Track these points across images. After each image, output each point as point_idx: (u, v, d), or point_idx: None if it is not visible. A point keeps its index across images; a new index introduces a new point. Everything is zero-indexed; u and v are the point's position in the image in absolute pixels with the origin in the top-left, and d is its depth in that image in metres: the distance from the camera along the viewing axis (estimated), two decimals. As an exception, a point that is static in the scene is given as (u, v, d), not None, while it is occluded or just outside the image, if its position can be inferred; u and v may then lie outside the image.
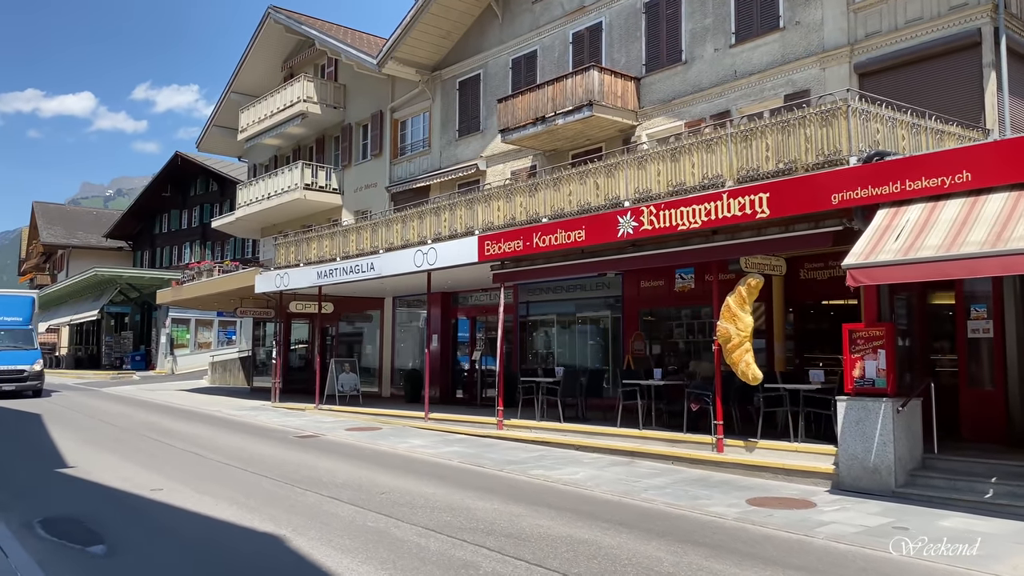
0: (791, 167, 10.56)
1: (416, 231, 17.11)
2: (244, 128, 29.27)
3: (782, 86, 14.95)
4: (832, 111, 10.22)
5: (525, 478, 10.76)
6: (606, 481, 10.39)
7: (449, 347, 21.77)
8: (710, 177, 11.55)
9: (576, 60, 18.77)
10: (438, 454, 12.92)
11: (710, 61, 16.23)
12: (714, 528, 7.87)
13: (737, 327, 10.99)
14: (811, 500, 9.15)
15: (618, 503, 9.12)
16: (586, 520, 8.11)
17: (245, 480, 10.49)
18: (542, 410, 14.93)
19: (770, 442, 11.14)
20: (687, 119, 16.40)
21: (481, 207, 15.49)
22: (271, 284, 21.33)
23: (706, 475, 10.83)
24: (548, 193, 14.04)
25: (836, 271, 13.89)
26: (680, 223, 11.42)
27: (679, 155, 12.01)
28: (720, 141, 11.47)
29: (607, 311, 18.00)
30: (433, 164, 23.09)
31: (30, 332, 24.68)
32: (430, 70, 23.04)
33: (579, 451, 12.96)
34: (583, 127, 17.44)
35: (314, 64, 28.73)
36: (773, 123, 10.91)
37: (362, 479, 10.51)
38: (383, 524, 7.86)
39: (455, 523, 7.91)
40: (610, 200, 12.94)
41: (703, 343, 16.19)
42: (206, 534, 7.65)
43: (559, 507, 8.78)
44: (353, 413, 19.32)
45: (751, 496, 9.36)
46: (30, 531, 7.62)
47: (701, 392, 12.24)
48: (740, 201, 10.69)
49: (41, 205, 61.41)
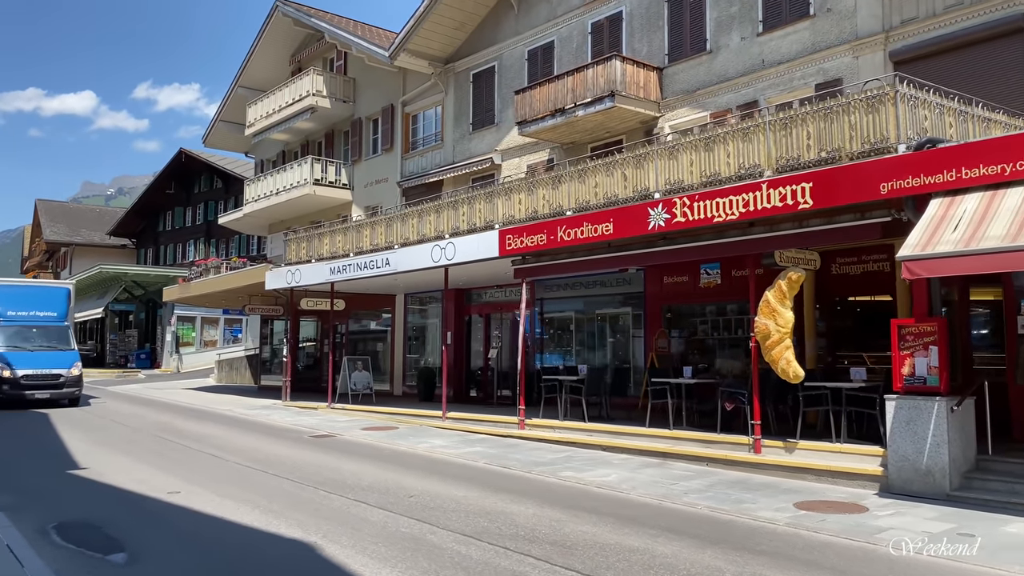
0: (834, 156, 10.11)
1: (433, 226, 16.66)
2: (251, 123, 28.82)
3: (812, 75, 14.50)
4: (879, 97, 9.77)
5: (556, 480, 10.33)
6: (641, 484, 9.96)
7: (463, 345, 21.32)
8: (747, 167, 11.10)
9: (595, 51, 18.31)
10: (461, 455, 12.49)
11: (736, 50, 15.77)
12: (767, 534, 7.43)
13: (777, 323, 10.55)
14: (861, 504, 8.72)
15: (658, 507, 8.69)
16: (631, 526, 7.67)
17: (265, 482, 10.06)
18: (565, 409, 14.48)
19: (810, 443, 10.70)
20: (712, 110, 15.95)
21: (501, 200, 15.05)
22: (282, 281, 20.90)
23: (745, 477, 10.39)
24: (573, 185, 13.59)
25: (869, 266, 13.52)
26: (716, 215, 10.97)
27: (713, 144, 11.56)
28: (757, 129, 11.02)
29: (627, 308, 17.56)
30: (446, 158, 22.65)
31: (66, 330, 21.28)
32: (443, 62, 22.59)
33: (606, 452, 12.52)
34: (604, 119, 16.99)
35: (323, 58, 28.28)
36: (814, 110, 10.45)
37: (387, 481, 10.08)
38: (417, 530, 7.43)
39: (494, 529, 7.48)
40: (639, 192, 12.49)
41: (728, 340, 15.77)
42: (231, 540, 7.22)
43: (599, 511, 8.35)
44: (367, 412, 18.89)
45: (798, 499, 8.93)
46: (45, 538, 7.20)
47: (735, 391, 11.80)
48: (781, 191, 10.24)
49: (44, 203, 61.04)
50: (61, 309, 21.59)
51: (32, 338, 20.43)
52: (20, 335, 20.32)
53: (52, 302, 21.54)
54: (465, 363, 21.42)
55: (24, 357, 19.55)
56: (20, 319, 20.65)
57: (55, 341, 20.65)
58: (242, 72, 30.11)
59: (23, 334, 20.37)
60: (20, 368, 19.29)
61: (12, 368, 19.26)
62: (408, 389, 23.21)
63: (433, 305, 22.97)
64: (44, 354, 20.00)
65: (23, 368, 19.32)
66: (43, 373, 19.57)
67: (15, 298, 21.05)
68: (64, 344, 20.72)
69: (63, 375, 19.81)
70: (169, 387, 29.89)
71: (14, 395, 19.09)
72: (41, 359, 19.80)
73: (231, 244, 44.95)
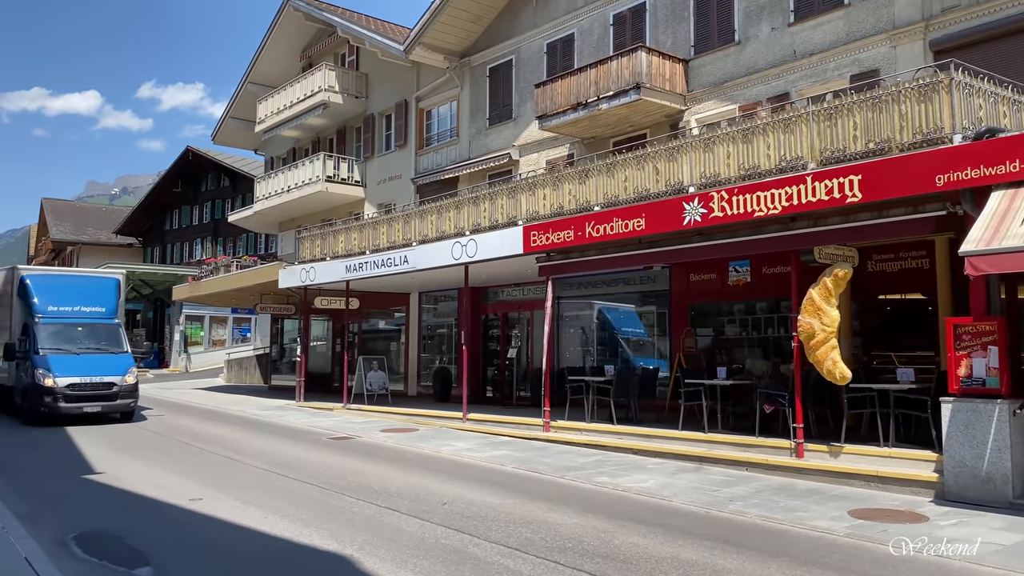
0: (884, 147, 9.65)
1: (452, 222, 16.23)
2: (262, 119, 28.43)
3: (847, 66, 14.04)
4: (932, 85, 9.32)
5: (591, 486, 9.90)
6: (682, 490, 9.52)
7: (479, 344, 20.89)
8: (788, 159, 10.65)
9: (617, 43, 17.86)
10: (487, 458, 12.06)
11: (766, 41, 15.31)
12: (829, 546, 6.99)
13: (822, 322, 10.11)
14: (919, 512, 8.27)
15: (706, 516, 8.25)
16: (683, 537, 7.24)
17: (288, 488, 9.65)
18: (592, 411, 14.04)
19: (857, 447, 10.24)
20: (741, 102, 15.50)
21: (525, 196, 14.61)
22: (296, 279, 20.49)
23: (789, 483, 9.94)
24: (601, 180, 13.15)
25: (907, 263, 13.07)
26: (756, 209, 10.53)
27: (752, 136, 11.10)
28: (800, 120, 10.57)
29: (651, 306, 17.13)
30: (462, 154, 22.22)
31: (117, 328, 17.60)
32: (459, 56, 22.17)
33: (638, 455, 12.09)
34: (628, 112, 16.54)
35: (334, 53, 27.87)
36: (861, 99, 10.00)
37: (416, 487, 9.66)
38: (458, 541, 7.01)
39: (538, 540, 7.05)
40: (672, 186, 12.04)
41: (757, 340, 15.33)
42: (263, 553, 6.80)
43: (645, 521, 7.91)
44: (384, 413, 18.48)
45: (851, 507, 8.48)
46: (65, 549, 6.79)
47: (775, 392, 11.34)
48: (827, 184, 9.79)
49: (50, 201, 60.75)
50: (110, 303, 17.84)
51: (77, 339, 16.90)
52: (63, 335, 16.78)
53: (100, 295, 17.85)
54: (481, 363, 20.99)
55: (68, 362, 16.05)
56: (63, 316, 17.03)
57: (104, 342, 17.19)
58: (252, 68, 29.71)
59: (66, 334, 16.84)
60: (64, 375, 15.76)
61: (54, 375, 15.70)
62: (423, 389, 22.80)
63: (448, 303, 22.54)
64: (92, 358, 16.51)
65: (67, 375, 15.79)
66: (92, 381, 16.04)
67: (56, 291, 17.42)
68: (115, 346, 17.25)
69: (116, 384, 16.34)
70: (179, 387, 29.52)
71: (57, 409, 15.62)
72: (89, 364, 16.27)
73: (238, 243, 44.57)
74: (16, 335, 17.36)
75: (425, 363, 23.33)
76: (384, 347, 25.24)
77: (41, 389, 15.66)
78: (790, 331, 14.80)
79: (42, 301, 17.02)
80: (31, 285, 17.23)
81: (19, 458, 12.12)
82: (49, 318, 16.84)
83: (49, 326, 16.74)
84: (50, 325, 16.76)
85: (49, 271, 20.05)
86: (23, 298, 17.24)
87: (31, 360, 16.12)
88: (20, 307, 17.38)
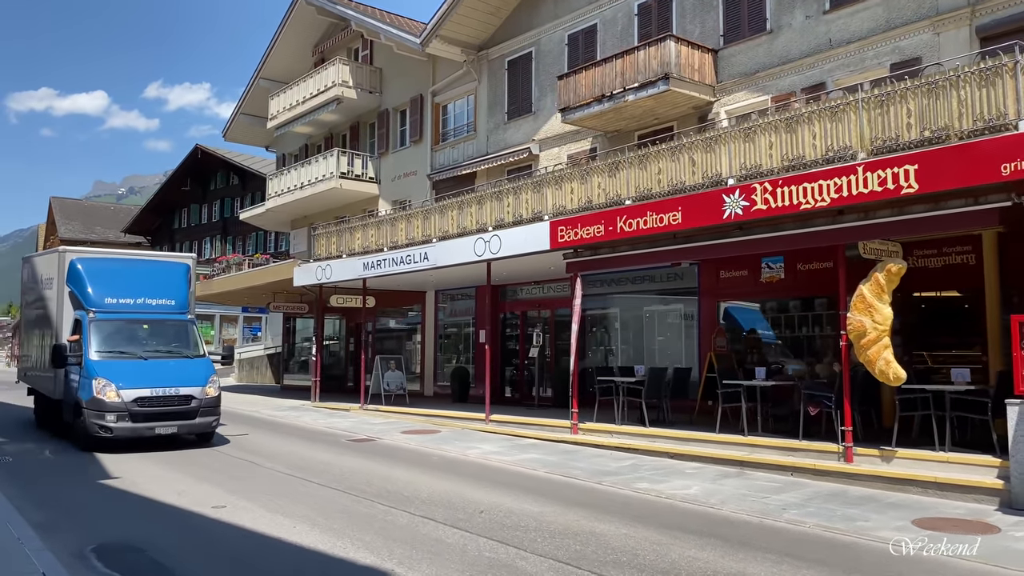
0: (941, 135, 9.14)
1: (474, 218, 15.76)
2: (274, 115, 28.00)
3: (887, 54, 13.51)
4: (994, 69, 8.80)
5: (632, 493, 9.42)
6: (729, 497, 9.02)
7: (498, 343, 20.42)
8: (835, 149, 10.14)
9: (642, 33, 17.35)
10: (516, 462, 11.58)
11: (800, 29, 14.79)
12: (905, 562, 6.50)
13: (874, 320, 9.59)
14: (988, 522, 7.76)
15: (761, 526, 7.76)
16: (743, 550, 6.75)
17: (314, 494, 9.19)
18: (623, 413, 13.54)
19: (911, 451, 9.73)
20: (773, 93, 14.99)
21: (551, 190, 14.13)
22: (311, 277, 20.05)
23: (840, 489, 9.44)
24: (632, 172, 12.66)
25: (951, 258, 12.53)
26: (803, 201, 10.02)
27: (796, 125, 10.60)
28: (848, 108, 10.05)
29: (679, 304, 16.62)
30: (479, 149, 21.74)
31: (190, 326, 14.08)
32: (476, 49, 21.69)
33: (674, 459, 11.59)
34: (654, 104, 16.04)
35: (347, 48, 27.41)
36: (915, 85, 9.48)
37: (449, 493, 9.19)
38: (504, 554, 6.53)
39: (590, 554, 6.57)
40: (709, 178, 11.54)
41: (790, 339, 14.82)
42: (296, 567, 6.33)
43: (697, 531, 7.43)
44: (402, 414, 18.02)
45: (914, 516, 7.97)
46: (85, 563, 6.34)
47: (819, 394, 10.84)
48: (880, 175, 9.29)
49: (59, 200, 60.58)
50: (180, 294, 14.31)
51: (142, 339, 13.38)
52: (124, 334, 13.29)
53: (168, 284, 14.30)
54: (500, 362, 20.52)
55: (134, 369, 12.64)
56: (123, 310, 13.55)
57: (175, 343, 13.64)
58: (264, 63, 29.29)
59: (128, 333, 13.35)
60: (130, 386, 12.26)
61: (117, 386, 12.20)
62: (439, 389, 22.33)
63: (465, 302, 22.09)
64: (163, 364, 13.01)
65: (134, 386, 12.29)
66: (166, 394, 12.48)
67: (115, 278, 13.85)
68: (189, 347, 13.68)
69: (196, 397, 12.72)
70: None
71: (124, 431, 12.12)
72: (160, 372, 12.78)
73: (248, 241, 44.23)
74: (65, 335, 13.76)
75: (441, 362, 22.88)
76: (398, 346, 24.80)
77: (101, 405, 12.09)
78: (825, 330, 14.46)
79: (98, 291, 13.48)
80: (83, 272, 13.71)
81: (29, 461, 11.71)
82: (107, 313, 13.31)
83: (107, 323, 13.21)
84: (108, 322, 13.23)
85: (105, 254, 15.67)
86: (74, 288, 13.80)
87: (86, 367, 12.53)
88: (70, 300, 13.96)
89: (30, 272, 16.50)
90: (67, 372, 13.28)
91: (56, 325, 14.19)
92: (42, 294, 15.30)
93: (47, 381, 14.60)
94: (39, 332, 15.59)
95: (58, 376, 13.70)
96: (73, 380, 12.95)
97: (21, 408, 18.79)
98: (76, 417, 12.67)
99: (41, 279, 15.41)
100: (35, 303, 15.96)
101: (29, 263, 16.85)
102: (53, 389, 14.08)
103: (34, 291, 15.99)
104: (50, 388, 14.38)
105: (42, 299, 15.28)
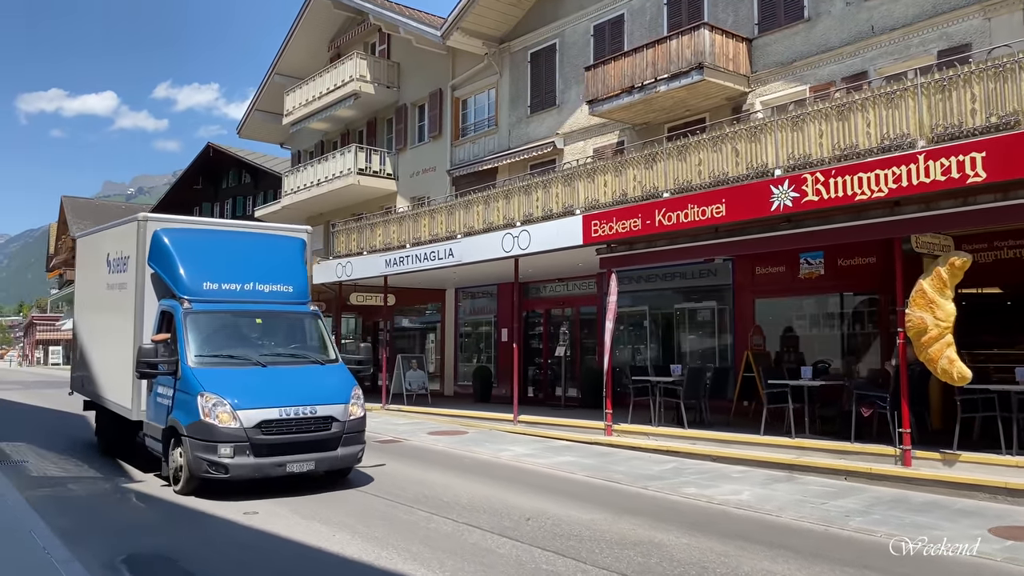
0: (1009, 121, 8.65)
1: (501, 212, 15.32)
2: (290, 111, 27.62)
3: (934, 41, 13.00)
4: (1069, 49, 8.31)
5: (680, 498, 8.96)
6: (785, 503, 8.55)
7: (521, 342, 19.95)
8: (891, 137, 9.66)
9: (672, 23, 16.87)
10: (552, 465, 11.14)
11: (839, 17, 14.29)
12: (998, 574, 6.02)
13: (935, 316, 9.11)
14: (1070, 531, 7.27)
15: (827, 535, 7.29)
16: (818, 562, 6.29)
17: (348, 498, 8.77)
18: (659, 414, 13.07)
19: (974, 454, 9.24)
20: (812, 83, 14.48)
21: (583, 183, 13.68)
22: (331, 274, 19.64)
23: (900, 495, 8.94)
24: (671, 164, 12.20)
25: (1004, 252, 12.03)
26: (858, 192, 9.54)
27: (848, 112, 10.12)
28: (906, 93, 9.57)
29: (712, 301, 16.14)
30: (501, 144, 21.29)
31: (314, 320, 10.41)
32: (498, 42, 21.24)
33: (717, 463, 11.11)
34: (686, 95, 15.56)
35: (363, 42, 27.00)
36: (980, 69, 9.00)
37: (489, 499, 8.75)
38: (563, 568, 6.08)
39: (654, 566, 6.12)
40: (754, 169, 11.07)
41: (830, 337, 14.33)
42: (341, 581, 5.90)
43: (761, 541, 6.96)
44: (425, 414, 17.59)
45: (990, 525, 7.48)
46: (115, 574, 5.92)
47: (872, 394, 10.35)
48: (943, 163, 8.80)
49: (70, 200, 60.54)
50: (299, 278, 10.60)
51: (255, 338, 9.90)
52: (232, 332, 9.85)
53: (282, 264, 10.58)
54: (523, 361, 20.05)
55: (251, 381, 9.11)
56: (228, 297, 9.93)
57: (297, 343, 10.14)
58: (279, 59, 28.93)
59: (237, 329, 9.91)
60: (250, 405, 8.70)
61: (232, 405, 8.65)
62: (460, 389, 21.90)
63: (485, 300, 21.65)
64: (288, 372, 9.50)
65: (256, 405, 8.73)
66: (299, 416, 8.86)
67: (214, 256, 10.28)
68: (317, 349, 10.12)
69: (337, 418, 9.11)
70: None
71: (244, 469, 8.51)
72: (286, 384, 9.22)
73: (261, 240, 43.85)
74: (147, 332, 9.93)
75: (461, 362, 22.44)
76: (414, 345, 24.38)
77: (210, 432, 8.44)
78: (866, 327, 13.97)
79: (194, 274, 9.76)
80: (172, 247, 9.94)
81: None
82: (207, 302, 9.64)
83: (209, 316, 9.57)
84: (210, 314, 9.59)
85: (197, 224, 11.55)
86: (159, 269, 10.06)
87: (185, 377, 8.94)
88: (152, 285, 10.27)
89: (90, 252, 12.86)
90: (151, 386, 9.80)
91: (134, 320, 10.19)
92: (109, 279, 11.44)
93: (119, 394, 10.67)
94: (104, 329, 11.80)
95: (138, 389, 10.02)
96: (162, 396, 9.40)
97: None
98: (169, 447, 9.09)
99: (108, 260, 11.53)
100: (97, 292, 12.02)
101: (89, 241, 13.14)
102: (130, 407, 10.17)
103: (96, 276, 12.13)
104: (123, 405, 10.43)
105: (110, 286, 11.39)
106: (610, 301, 13.14)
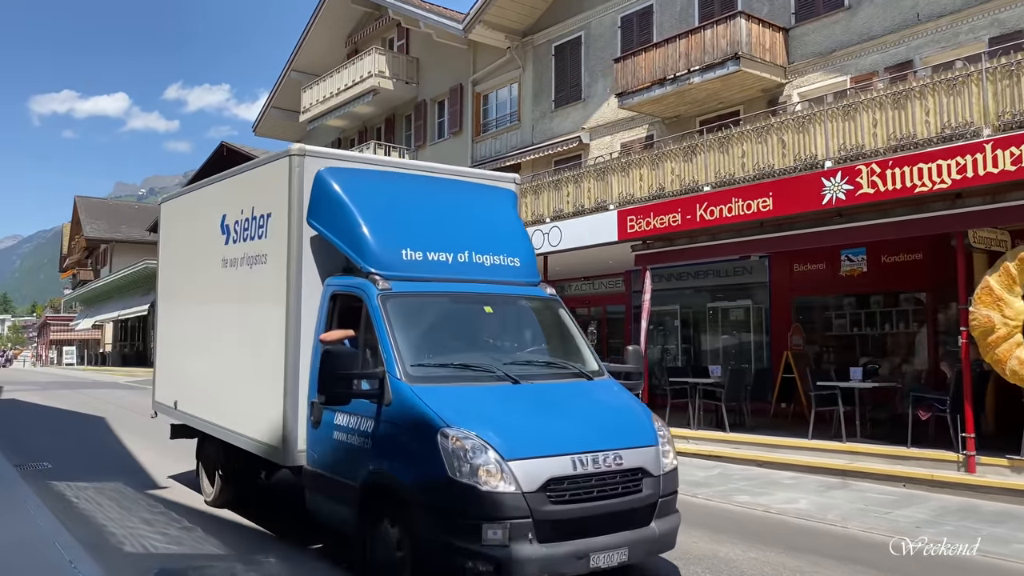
0: (1085, 106, 8.15)
1: (530, 208, 14.88)
2: (307, 108, 27.28)
3: (984, 28, 12.48)
4: None
5: (734, 507, 8.50)
6: (848, 513, 8.07)
7: (545, 342, 19.50)
8: (953, 126, 9.17)
9: (704, 13, 16.38)
10: (590, 470, 10.66)
11: (882, 4, 13.78)
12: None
13: (1003, 315, 8.62)
14: None
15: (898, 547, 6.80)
16: (904, 580, 5.81)
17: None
18: (698, 417, 12.60)
19: (1044, 461, 8.73)
20: (853, 73, 13.98)
21: (617, 177, 13.23)
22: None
23: (967, 503, 8.45)
24: (712, 156, 11.74)
25: (1059, 248, 11.50)
26: (918, 184, 9.06)
27: (905, 100, 9.63)
28: (969, 80, 9.08)
29: (746, 300, 15.64)
30: (524, 140, 20.86)
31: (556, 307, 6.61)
32: (520, 35, 20.80)
33: (763, 468, 10.63)
34: (720, 87, 15.09)
35: (381, 38, 26.62)
36: (1052, 52, 8.51)
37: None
38: (628, 585, 5.62)
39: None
40: (802, 160, 10.60)
41: (872, 337, 13.80)
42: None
43: (833, 555, 6.49)
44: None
45: (1075, 538, 6.99)
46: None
47: (931, 396, 9.84)
48: (1013, 152, 8.31)
49: (83, 199, 60.40)
50: (524, 247, 6.87)
51: (487, 338, 6.30)
52: (456, 329, 6.20)
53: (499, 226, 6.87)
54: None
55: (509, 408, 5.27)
56: (441, 273, 6.09)
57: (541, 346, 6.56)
58: (295, 55, 28.60)
59: (461, 323, 6.23)
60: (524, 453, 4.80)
61: (498, 452, 4.72)
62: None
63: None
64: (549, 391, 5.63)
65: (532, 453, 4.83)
66: (601, 469, 4.97)
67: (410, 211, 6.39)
68: (570, 353, 6.37)
69: (647, 471, 5.25)
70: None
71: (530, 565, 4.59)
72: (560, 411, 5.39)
73: (275, 239, 43.56)
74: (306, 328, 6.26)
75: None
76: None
77: (468, 498, 4.67)
78: (911, 327, 13.43)
79: (385, 237, 6.08)
80: (347, 196, 6.20)
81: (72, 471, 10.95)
82: (410, 280, 5.96)
83: (419, 301, 5.97)
84: (421, 298, 5.99)
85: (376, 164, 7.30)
86: (328, 230, 6.29)
87: (403, 401, 5.21)
88: (313, 254, 6.44)
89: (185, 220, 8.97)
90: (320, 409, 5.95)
91: (287, 309, 6.32)
92: (228, 252, 7.56)
93: (251, 423, 6.84)
94: (219, 326, 7.83)
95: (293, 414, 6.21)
96: (344, 429, 5.69)
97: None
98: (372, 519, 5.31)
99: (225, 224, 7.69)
100: (204, 273, 8.16)
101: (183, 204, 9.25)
102: (278, 444, 6.31)
103: (199, 251, 8.35)
104: (260, 440, 6.66)
105: (229, 262, 7.52)
106: (644, 300, 12.67)
